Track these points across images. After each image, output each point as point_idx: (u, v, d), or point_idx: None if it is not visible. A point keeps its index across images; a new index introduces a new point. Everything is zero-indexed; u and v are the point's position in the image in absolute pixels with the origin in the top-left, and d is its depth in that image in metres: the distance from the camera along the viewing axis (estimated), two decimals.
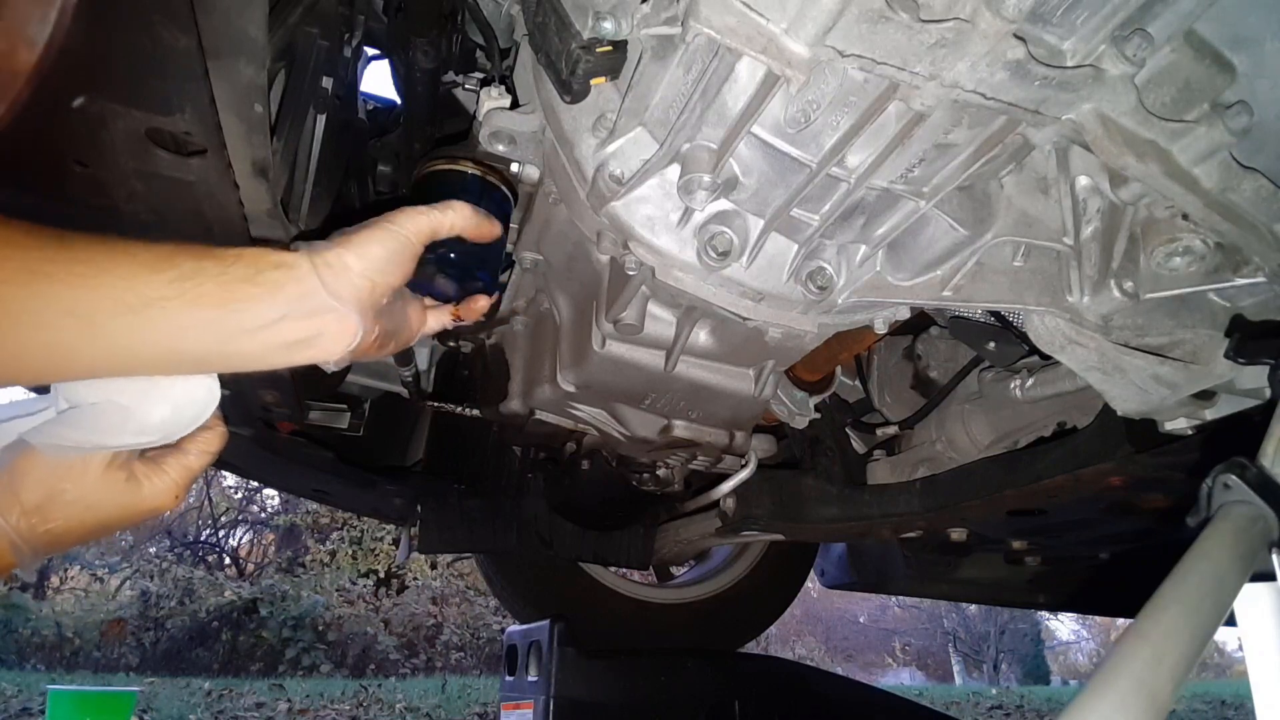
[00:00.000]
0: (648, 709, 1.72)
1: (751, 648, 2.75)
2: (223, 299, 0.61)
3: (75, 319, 0.57)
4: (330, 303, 0.65)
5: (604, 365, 1.18)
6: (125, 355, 0.61)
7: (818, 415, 1.43)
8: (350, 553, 10.68)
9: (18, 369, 0.58)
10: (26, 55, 0.37)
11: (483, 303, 0.87)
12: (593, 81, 0.81)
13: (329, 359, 0.69)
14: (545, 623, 1.67)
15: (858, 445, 1.69)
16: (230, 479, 11.30)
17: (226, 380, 0.70)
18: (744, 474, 1.53)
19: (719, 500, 1.62)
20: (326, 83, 1.03)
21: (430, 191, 0.88)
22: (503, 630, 2.68)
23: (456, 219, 0.76)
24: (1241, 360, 0.91)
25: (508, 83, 1.04)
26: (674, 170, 0.87)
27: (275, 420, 1.49)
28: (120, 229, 0.84)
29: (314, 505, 9.68)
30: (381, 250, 0.69)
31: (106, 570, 11.05)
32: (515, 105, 1.00)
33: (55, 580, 11.62)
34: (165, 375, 0.66)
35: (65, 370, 0.61)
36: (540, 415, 1.44)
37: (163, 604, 9.71)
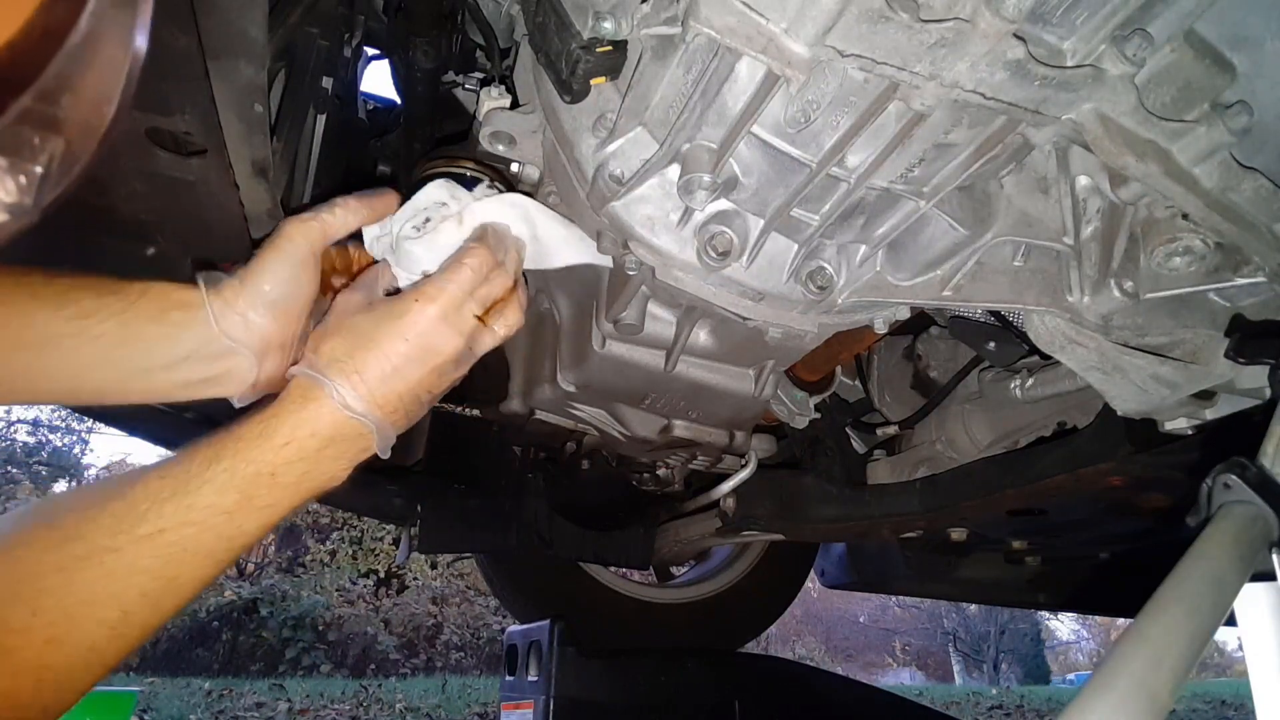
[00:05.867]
0: (648, 709, 1.72)
1: (751, 648, 2.75)
2: (123, 338, 0.61)
3: None
4: (231, 345, 0.66)
5: (604, 365, 1.18)
6: (27, 390, 0.61)
7: (818, 415, 1.43)
8: (350, 553, 10.68)
9: None
10: (106, 119, 0.39)
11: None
12: (593, 81, 0.81)
13: (234, 395, 0.69)
14: (545, 623, 1.67)
15: (858, 445, 1.69)
16: None
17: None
18: (744, 474, 1.53)
19: (719, 500, 1.62)
20: (326, 83, 1.03)
21: None
22: (503, 630, 2.68)
23: (345, 215, 0.74)
24: (1241, 360, 0.91)
25: (508, 83, 1.04)
26: (674, 170, 0.86)
27: None
28: (120, 229, 0.85)
29: (314, 505, 9.66)
30: (271, 279, 0.69)
31: None
32: (515, 105, 1.00)
33: None
34: (68, 405, 0.68)
35: None
36: (540, 415, 1.44)
37: None
